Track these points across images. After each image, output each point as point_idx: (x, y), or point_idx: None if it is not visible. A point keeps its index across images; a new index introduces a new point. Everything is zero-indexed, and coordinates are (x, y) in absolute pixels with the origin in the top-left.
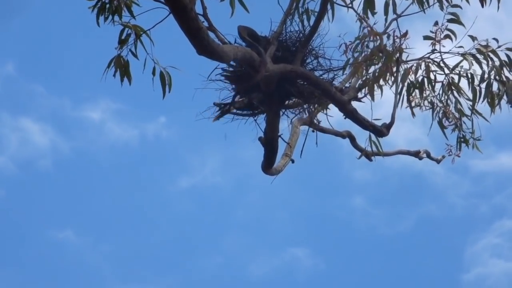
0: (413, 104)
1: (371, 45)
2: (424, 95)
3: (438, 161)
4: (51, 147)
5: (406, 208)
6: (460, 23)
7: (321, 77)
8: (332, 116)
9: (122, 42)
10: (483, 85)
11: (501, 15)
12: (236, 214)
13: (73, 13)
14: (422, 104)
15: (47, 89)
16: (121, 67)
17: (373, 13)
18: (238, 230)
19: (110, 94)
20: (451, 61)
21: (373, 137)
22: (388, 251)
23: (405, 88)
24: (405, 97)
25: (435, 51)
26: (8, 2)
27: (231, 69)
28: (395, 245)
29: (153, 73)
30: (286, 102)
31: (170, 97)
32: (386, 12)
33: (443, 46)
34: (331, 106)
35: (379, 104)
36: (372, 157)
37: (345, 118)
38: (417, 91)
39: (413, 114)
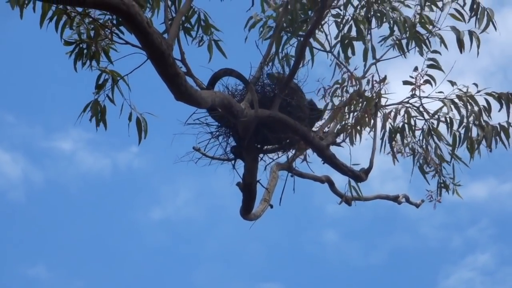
0: (394, 150)
1: (350, 89)
2: (406, 141)
3: (417, 206)
4: (23, 178)
5: (379, 239)
6: (439, 68)
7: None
8: (311, 162)
9: (99, 87)
10: (462, 130)
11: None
12: (209, 247)
13: (46, 44)
14: (403, 151)
15: (17, 118)
16: (97, 113)
17: (349, 58)
18: (211, 264)
19: (82, 124)
20: (431, 105)
21: (353, 182)
22: (361, 284)
23: (387, 134)
24: (387, 144)
25: (415, 96)
26: None
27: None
28: (368, 277)
29: (129, 119)
30: (265, 147)
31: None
32: (365, 58)
33: (423, 91)
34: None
35: (358, 150)
36: (352, 202)
37: (323, 163)
38: (398, 136)
39: (395, 159)
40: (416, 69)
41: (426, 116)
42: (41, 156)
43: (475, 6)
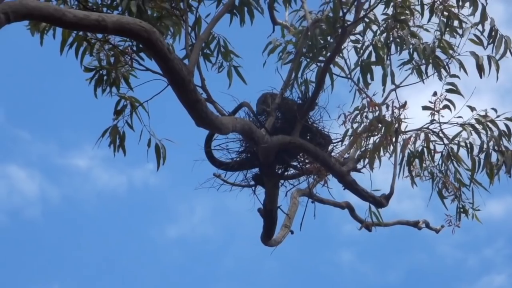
0: (413, 173)
1: (370, 115)
2: (424, 165)
3: (437, 231)
4: (39, 195)
5: (396, 258)
6: (459, 93)
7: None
8: (331, 188)
9: (117, 113)
10: (482, 155)
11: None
12: (225, 265)
13: (61, 60)
14: (422, 175)
15: (33, 135)
16: (115, 140)
17: (369, 84)
18: (226, 282)
19: (95, 139)
20: (450, 131)
21: (373, 207)
22: None
23: (405, 159)
24: (406, 167)
25: (434, 122)
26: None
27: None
28: None
29: (148, 145)
30: (285, 173)
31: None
32: (384, 82)
33: (442, 116)
34: (330, 176)
35: (378, 175)
36: (372, 228)
37: (344, 189)
38: (417, 160)
39: (414, 183)
40: (435, 94)
41: (446, 141)
42: (57, 173)
43: (493, 33)
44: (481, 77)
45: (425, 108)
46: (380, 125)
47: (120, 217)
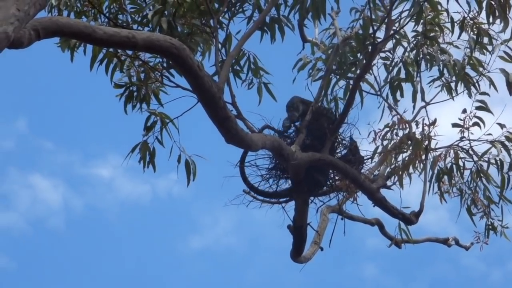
0: (442, 189)
1: (400, 133)
2: (453, 181)
3: (466, 248)
4: (63, 205)
5: (419, 270)
6: (488, 110)
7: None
8: (361, 205)
9: (148, 129)
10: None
11: None
12: (249, 277)
13: (84, 69)
14: (451, 191)
15: (56, 145)
16: (145, 156)
17: (398, 100)
18: None
19: (120, 150)
20: (480, 148)
21: (403, 224)
22: None
23: (434, 175)
24: (435, 184)
25: (464, 139)
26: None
27: None
28: None
29: (179, 161)
30: (315, 190)
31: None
32: (414, 99)
33: (472, 133)
34: (359, 193)
35: (405, 190)
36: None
37: (374, 206)
38: (446, 177)
39: (443, 199)
40: (464, 111)
41: (475, 158)
42: (80, 183)
43: None
44: (510, 94)
45: (455, 125)
46: (410, 142)
47: (143, 227)
